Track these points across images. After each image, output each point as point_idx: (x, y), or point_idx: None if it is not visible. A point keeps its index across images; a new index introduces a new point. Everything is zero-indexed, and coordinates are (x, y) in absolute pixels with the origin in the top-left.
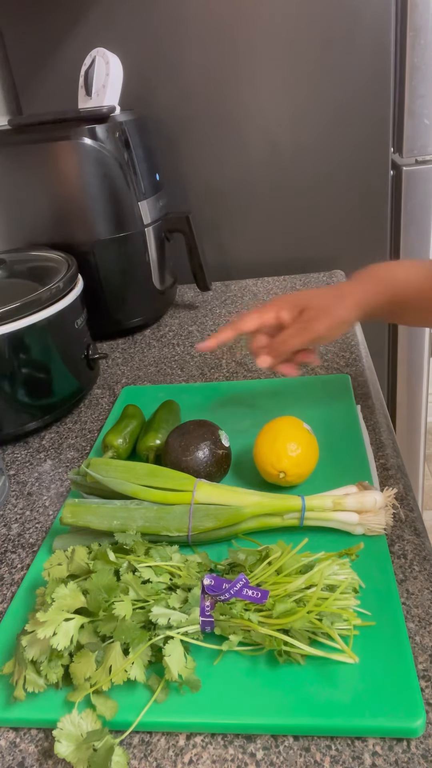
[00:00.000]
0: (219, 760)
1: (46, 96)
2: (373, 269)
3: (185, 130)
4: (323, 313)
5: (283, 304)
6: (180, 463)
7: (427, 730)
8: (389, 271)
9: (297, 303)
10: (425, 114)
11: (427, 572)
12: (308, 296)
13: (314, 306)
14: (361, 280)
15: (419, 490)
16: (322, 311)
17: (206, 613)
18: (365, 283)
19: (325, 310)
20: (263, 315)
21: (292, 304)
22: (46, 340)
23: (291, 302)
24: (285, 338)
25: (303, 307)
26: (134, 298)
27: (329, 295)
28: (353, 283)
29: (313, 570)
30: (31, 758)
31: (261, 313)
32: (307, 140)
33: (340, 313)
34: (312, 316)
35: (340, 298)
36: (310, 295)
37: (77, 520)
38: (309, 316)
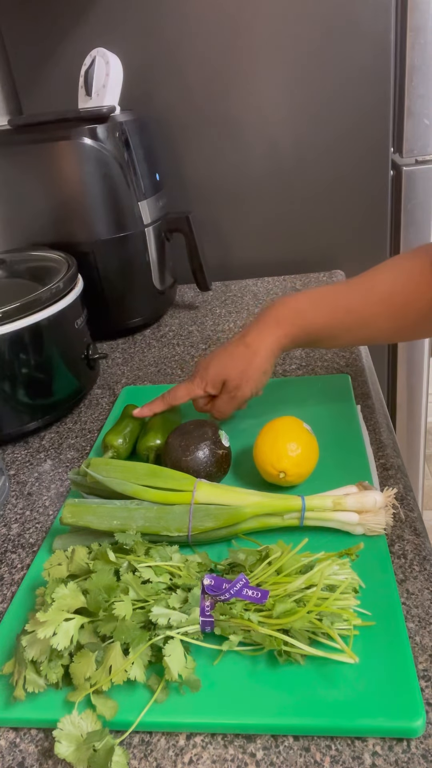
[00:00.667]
0: (219, 760)
1: (46, 96)
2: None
3: (185, 130)
4: (243, 379)
5: (207, 379)
6: (180, 463)
7: (427, 730)
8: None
9: (218, 376)
10: (425, 114)
11: (427, 572)
12: (227, 366)
13: (233, 376)
14: (264, 325)
15: (419, 490)
16: (241, 379)
17: (206, 613)
18: (268, 329)
19: (243, 376)
20: (191, 392)
21: (214, 377)
22: (46, 340)
23: (213, 376)
24: (219, 407)
25: (223, 379)
26: (134, 298)
27: (241, 357)
28: (261, 332)
29: (313, 570)
30: (31, 758)
31: (188, 390)
32: (307, 140)
33: (257, 372)
34: (234, 386)
35: (252, 358)
36: (228, 363)
37: (77, 520)
38: (232, 386)
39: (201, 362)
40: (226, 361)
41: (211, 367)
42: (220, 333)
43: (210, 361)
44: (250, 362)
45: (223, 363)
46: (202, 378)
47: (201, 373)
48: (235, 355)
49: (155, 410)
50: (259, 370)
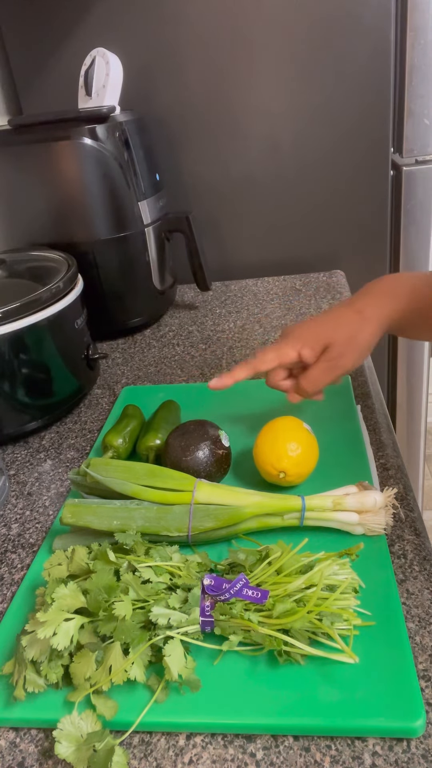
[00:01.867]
0: (219, 760)
1: (46, 96)
2: (386, 282)
3: (185, 130)
4: (349, 347)
5: (304, 341)
6: (180, 463)
7: (427, 730)
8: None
9: (319, 339)
10: (425, 114)
11: (427, 572)
12: (330, 329)
13: (339, 341)
14: (378, 295)
15: (419, 490)
16: (348, 346)
17: (206, 613)
18: (384, 299)
19: (350, 343)
20: (282, 355)
21: (314, 340)
22: (46, 340)
23: (312, 338)
24: (313, 379)
25: (327, 343)
26: (134, 298)
27: (351, 323)
28: (371, 302)
29: (313, 570)
30: (31, 758)
31: (279, 353)
32: (307, 140)
33: (365, 343)
34: (338, 352)
35: (363, 325)
36: (332, 326)
37: (77, 520)
38: (336, 352)
39: (292, 327)
40: (332, 324)
41: (310, 329)
42: (220, 333)
43: (308, 324)
44: (360, 329)
45: (329, 326)
46: (297, 338)
47: (296, 334)
48: (342, 319)
49: (238, 378)
50: (368, 340)
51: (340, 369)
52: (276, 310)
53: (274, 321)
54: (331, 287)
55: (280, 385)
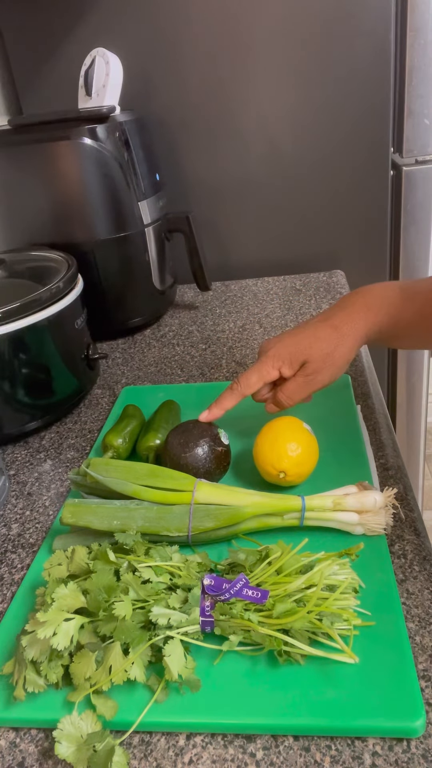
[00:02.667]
0: (219, 760)
1: (46, 96)
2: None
3: (185, 130)
4: (326, 363)
5: (282, 359)
6: (179, 460)
7: (427, 730)
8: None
9: (296, 356)
10: (425, 114)
11: (427, 572)
12: (307, 346)
13: (315, 358)
14: (354, 310)
15: (419, 490)
16: (324, 362)
17: (206, 613)
18: (359, 314)
19: (326, 360)
20: (264, 375)
21: (292, 358)
22: (46, 340)
23: (290, 356)
24: (290, 394)
25: (304, 360)
26: (134, 298)
27: (328, 339)
28: (347, 317)
29: (313, 570)
30: (31, 758)
31: (261, 374)
32: (307, 140)
33: (341, 359)
34: (314, 369)
35: (341, 340)
36: (308, 343)
37: (77, 520)
38: (311, 369)
39: (270, 342)
40: (309, 341)
41: (288, 346)
42: (220, 333)
43: (284, 340)
44: (337, 346)
45: (306, 342)
46: (276, 357)
47: (274, 352)
48: (319, 336)
49: (227, 407)
50: (345, 356)
51: (316, 384)
52: (276, 310)
53: (274, 321)
54: (331, 287)
55: (263, 399)
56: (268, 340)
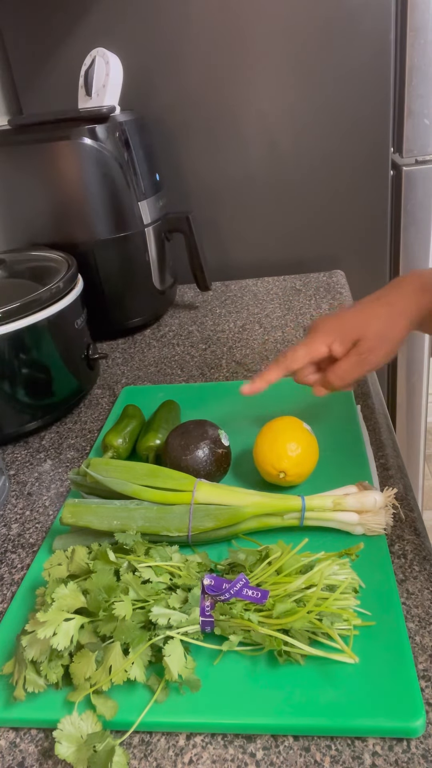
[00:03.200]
0: (219, 760)
1: (46, 96)
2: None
3: (185, 129)
4: (380, 341)
5: (334, 335)
6: (180, 462)
7: (427, 730)
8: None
9: (350, 333)
10: (425, 114)
11: (427, 572)
12: (361, 323)
13: (370, 335)
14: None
15: (419, 490)
16: (379, 340)
17: (206, 613)
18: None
19: (381, 338)
20: (312, 351)
21: (345, 334)
22: (46, 340)
23: (343, 332)
24: (342, 374)
25: (357, 337)
26: (134, 298)
27: (382, 317)
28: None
29: (313, 570)
30: (31, 758)
31: (310, 349)
32: (307, 140)
33: (396, 338)
34: (369, 347)
35: (395, 319)
36: (363, 320)
37: (77, 521)
38: (366, 347)
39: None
40: (363, 317)
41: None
42: (220, 333)
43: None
44: (393, 324)
45: (360, 319)
46: (327, 333)
47: (326, 328)
48: (374, 313)
49: (271, 379)
50: (400, 334)
51: (369, 364)
52: (276, 310)
53: (274, 321)
54: (331, 287)
55: (307, 380)
56: (319, 318)
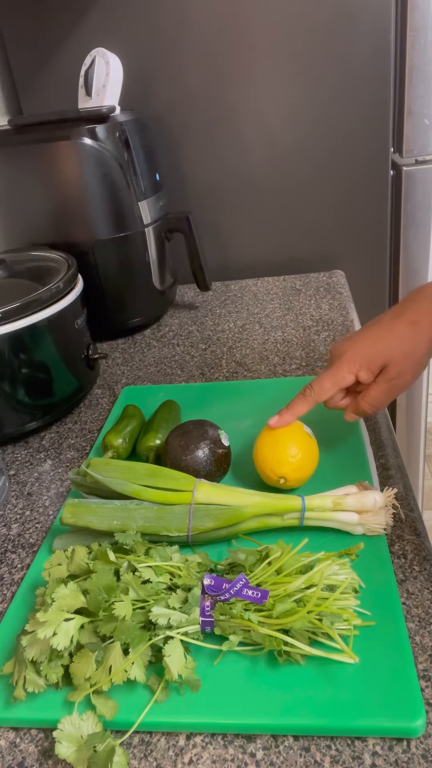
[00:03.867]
0: (219, 760)
1: (46, 96)
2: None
3: (185, 129)
4: (408, 363)
5: (360, 362)
6: (180, 463)
7: (427, 730)
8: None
9: (376, 359)
10: (425, 114)
11: (427, 572)
12: (386, 346)
13: (397, 359)
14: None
15: (419, 490)
16: (406, 362)
17: (206, 613)
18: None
19: (408, 359)
20: (339, 381)
21: (370, 360)
22: (46, 340)
23: (368, 358)
24: (373, 401)
25: (384, 362)
26: (134, 298)
27: (407, 336)
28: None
29: (313, 570)
30: (31, 758)
31: (336, 379)
32: (307, 140)
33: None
34: (398, 371)
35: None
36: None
37: (77, 521)
38: (395, 372)
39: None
40: (387, 341)
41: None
42: (220, 333)
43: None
44: (418, 342)
45: (384, 343)
46: (352, 361)
47: (349, 356)
48: (397, 334)
49: (299, 413)
50: (427, 352)
51: (400, 387)
52: (276, 310)
53: (274, 321)
54: (331, 287)
55: (339, 406)
56: (340, 343)
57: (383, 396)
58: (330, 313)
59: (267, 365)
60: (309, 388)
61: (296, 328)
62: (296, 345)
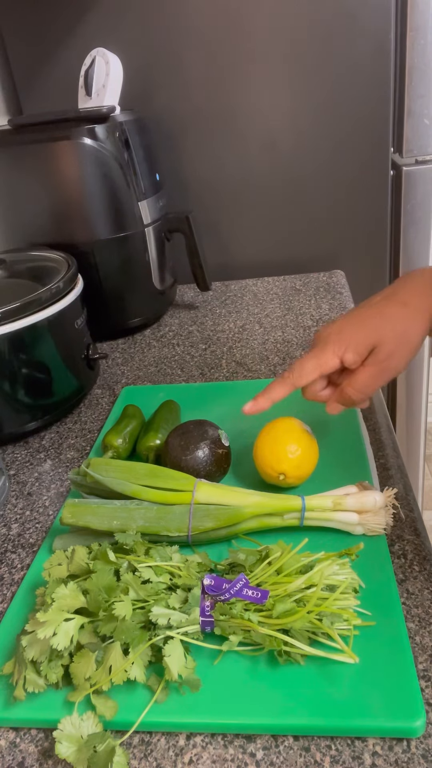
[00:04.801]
0: (219, 760)
1: (46, 96)
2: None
3: (185, 129)
4: (400, 345)
5: (346, 344)
6: (180, 463)
7: (427, 730)
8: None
9: (364, 340)
10: (425, 114)
11: (427, 572)
12: (375, 326)
13: (388, 340)
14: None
15: (419, 490)
16: (398, 344)
17: (206, 613)
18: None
19: (401, 340)
20: (322, 363)
21: (358, 342)
22: (46, 340)
23: (356, 340)
24: (361, 386)
25: (373, 343)
26: (134, 298)
27: (399, 317)
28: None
29: (313, 570)
30: (31, 758)
31: (319, 361)
32: (307, 140)
33: (416, 339)
34: (388, 353)
35: (412, 319)
36: (376, 323)
37: (77, 521)
38: (385, 353)
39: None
40: (376, 321)
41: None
42: (220, 333)
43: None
44: (411, 323)
45: (373, 323)
46: (337, 342)
47: (334, 337)
48: (387, 313)
49: (276, 398)
50: (420, 334)
51: (390, 371)
52: (276, 310)
53: (274, 321)
54: (331, 287)
55: (319, 396)
56: (325, 326)
57: (372, 380)
58: (330, 313)
59: (267, 365)
60: (289, 371)
61: (296, 328)
62: (296, 345)
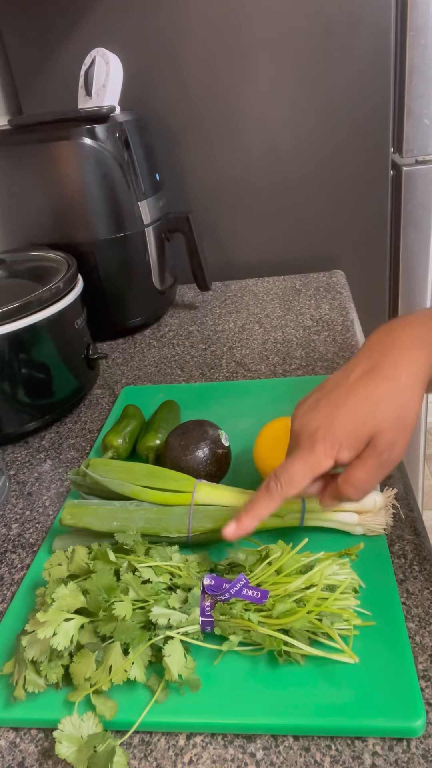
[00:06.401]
0: (219, 760)
1: (46, 96)
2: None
3: (185, 129)
4: (399, 431)
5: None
6: (180, 463)
7: (427, 730)
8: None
9: (359, 434)
10: (425, 114)
11: (427, 572)
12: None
13: (386, 427)
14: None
15: (419, 490)
16: (397, 431)
17: (206, 613)
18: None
19: (399, 425)
20: (314, 468)
21: (351, 438)
22: (46, 340)
23: (348, 436)
24: (361, 483)
25: (370, 435)
26: (134, 298)
27: (392, 399)
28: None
29: (313, 570)
30: (31, 758)
31: (308, 466)
32: (307, 140)
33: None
34: (388, 442)
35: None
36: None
37: (77, 522)
38: (385, 444)
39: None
40: (367, 408)
41: (341, 421)
42: (220, 333)
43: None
44: (406, 403)
45: (364, 411)
46: (328, 441)
47: (323, 433)
48: (377, 397)
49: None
50: (416, 411)
51: (392, 462)
52: (276, 310)
53: (274, 321)
54: (331, 287)
55: (309, 495)
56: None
57: (371, 475)
58: (330, 313)
59: (267, 365)
60: (274, 480)
61: (296, 328)
62: (296, 345)
